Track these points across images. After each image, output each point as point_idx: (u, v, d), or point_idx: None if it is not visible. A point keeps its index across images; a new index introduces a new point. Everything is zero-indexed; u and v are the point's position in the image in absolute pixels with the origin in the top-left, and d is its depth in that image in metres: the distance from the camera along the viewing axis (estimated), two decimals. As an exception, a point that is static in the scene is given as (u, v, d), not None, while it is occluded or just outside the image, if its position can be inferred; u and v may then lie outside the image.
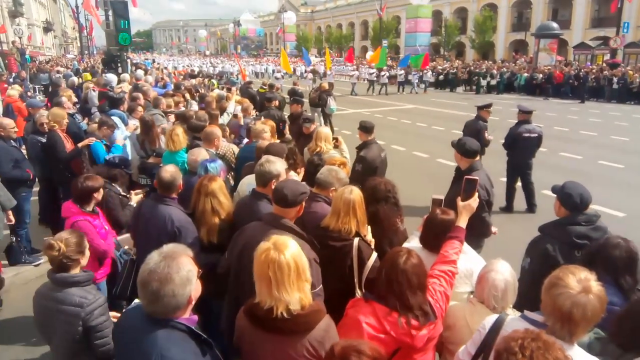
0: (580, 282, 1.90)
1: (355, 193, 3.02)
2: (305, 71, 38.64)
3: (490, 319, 2.22)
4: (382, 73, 30.59)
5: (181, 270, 1.87)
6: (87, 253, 2.98)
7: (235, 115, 7.87)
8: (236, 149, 5.77)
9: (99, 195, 3.93)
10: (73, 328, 2.64)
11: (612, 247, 2.67)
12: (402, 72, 31.94)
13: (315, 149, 5.60)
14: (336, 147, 5.89)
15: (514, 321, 2.14)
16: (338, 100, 23.81)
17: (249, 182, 4.14)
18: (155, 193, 3.75)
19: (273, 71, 45.95)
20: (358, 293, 2.93)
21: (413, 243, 3.28)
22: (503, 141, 8.09)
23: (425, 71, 31.23)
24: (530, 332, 1.66)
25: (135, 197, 4.71)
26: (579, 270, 1.98)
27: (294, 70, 37.92)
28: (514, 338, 1.64)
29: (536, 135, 7.81)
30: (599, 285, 1.92)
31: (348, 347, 1.70)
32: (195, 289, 1.93)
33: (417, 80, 30.79)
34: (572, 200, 3.20)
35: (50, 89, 16.51)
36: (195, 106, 9.83)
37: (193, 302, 1.95)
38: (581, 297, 1.86)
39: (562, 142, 13.66)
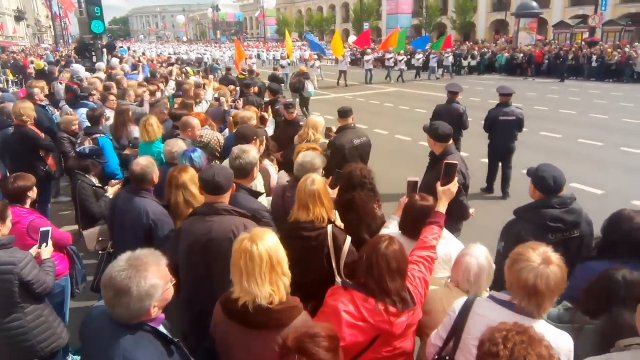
0: (540, 255, 1.98)
1: (317, 182, 2.97)
2: (304, 58, 34.73)
3: (459, 302, 2.23)
4: (400, 58, 26.91)
5: (142, 284, 1.77)
6: (9, 224, 3.21)
7: (217, 99, 7.72)
8: (221, 137, 5.66)
9: (33, 194, 3.84)
10: (8, 284, 2.98)
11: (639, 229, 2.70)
12: (420, 55, 28.54)
13: (306, 136, 5.54)
14: (329, 137, 5.85)
15: (482, 302, 2.17)
16: (350, 88, 23.43)
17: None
18: (130, 185, 3.67)
19: (274, 58, 40.41)
20: (338, 279, 2.91)
21: (391, 227, 3.27)
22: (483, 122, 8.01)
23: (446, 54, 27.15)
24: (518, 325, 1.65)
25: (112, 189, 4.61)
26: (537, 245, 2.05)
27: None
28: (499, 329, 1.64)
29: (514, 117, 7.63)
30: (558, 255, 2.00)
31: (301, 336, 1.67)
32: (162, 299, 1.86)
33: (435, 64, 27.15)
34: (545, 183, 3.19)
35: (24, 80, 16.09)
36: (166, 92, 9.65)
37: (156, 311, 1.87)
38: (543, 268, 1.94)
39: (542, 121, 13.77)
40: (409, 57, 29.17)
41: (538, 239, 2.97)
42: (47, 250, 3.36)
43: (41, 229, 3.44)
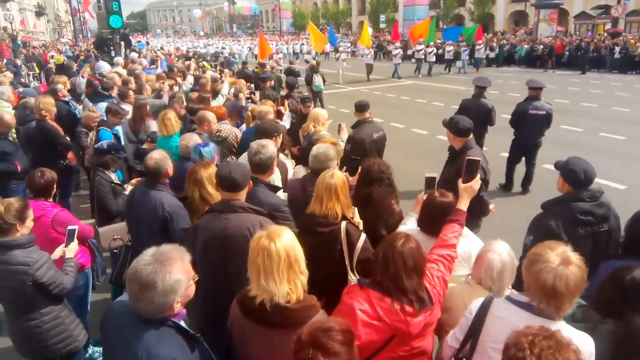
0: (559, 255, 1.92)
1: (336, 177, 2.95)
2: (325, 52, 33.50)
3: (477, 302, 2.18)
4: (430, 50, 25.28)
5: (167, 279, 1.78)
6: (29, 224, 3.14)
7: (236, 96, 7.72)
8: (239, 133, 5.68)
9: (55, 188, 3.87)
10: (23, 284, 2.95)
11: None
12: (452, 48, 26.77)
13: (307, 129, 5.53)
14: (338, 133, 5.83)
15: (500, 303, 2.12)
16: (365, 82, 23.08)
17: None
18: (146, 179, 3.73)
19: (294, 51, 39.46)
20: (351, 276, 2.90)
21: (409, 224, 3.24)
22: (510, 117, 7.75)
23: (478, 47, 25.81)
24: (545, 329, 1.60)
25: (130, 188, 4.65)
26: (555, 244, 1.99)
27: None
28: (525, 334, 1.59)
29: (544, 112, 7.35)
30: (578, 255, 1.94)
31: (315, 330, 1.67)
32: (185, 295, 1.87)
33: (467, 57, 26.04)
34: (576, 176, 3.13)
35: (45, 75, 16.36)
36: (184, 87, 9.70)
37: (179, 307, 1.89)
38: (562, 269, 1.88)
39: (562, 114, 13.46)
40: (439, 49, 27.77)
41: (568, 233, 3.02)
42: (72, 249, 3.36)
43: (69, 227, 3.45)
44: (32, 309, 3.08)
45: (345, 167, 3.74)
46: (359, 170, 3.62)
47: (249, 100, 7.66)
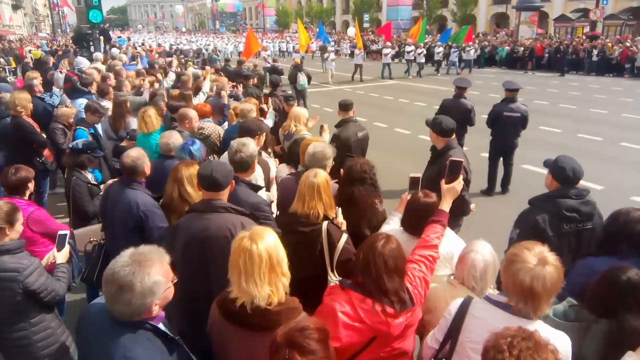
0: (536, 256, 1.94)
1: (319, 176, 2.95)
2: (312, 50, 33.68)
3: (456, 303, 2.19)
4: (420, 51, 25.09)
5: (145, 280, 1.73)
6: (19, 227, 3.00)
7: (218, 93, 7.64)
8: (221, 131, 5.61)
9: (32, 186, 3.77)
10: (12, 292, 2.77)
11: (635, 222, 2.71)
12: (441, 49, 26.77)
13: (288, 128, 5.50)
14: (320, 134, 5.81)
15: (479, 304, 2.14)
16: (349, 81, 22.94)
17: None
18: (122, 177, 3.65)
19: (279, 49, 39.55)
20: (331, 276, 2.89)
21: (392, 224, 3.24)
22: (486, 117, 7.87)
23: (467, 48, 25.78)
24: (523, 330, 1.61)
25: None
26: (532, 244, 2.01)
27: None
28: (504, 335, 1.60)
29: (519, 115, 7.44)
30: (554, 255, 1.96)
31: (290, 330, 1.65)
32: (163, 297, 1.83)
33: (456, 59, 25.90)
34: (564, 174, 3.22)
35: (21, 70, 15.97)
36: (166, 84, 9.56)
37: (157, 309, 1.84)
38: (539, 269, 1.90)
39: (541, 115, 13.70)
40: (428, 50, 27.70)
41: (553, 228, 3.13)
42: (62, 254, 3.21)
43: (59, 232, 3.30)
44: (21, 318, 2.87)
45: (340, 166, 3.71)
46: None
47: (232, 99, 7.58)
